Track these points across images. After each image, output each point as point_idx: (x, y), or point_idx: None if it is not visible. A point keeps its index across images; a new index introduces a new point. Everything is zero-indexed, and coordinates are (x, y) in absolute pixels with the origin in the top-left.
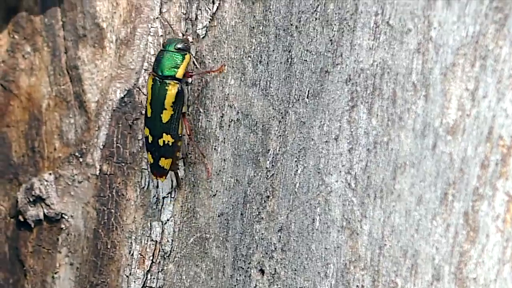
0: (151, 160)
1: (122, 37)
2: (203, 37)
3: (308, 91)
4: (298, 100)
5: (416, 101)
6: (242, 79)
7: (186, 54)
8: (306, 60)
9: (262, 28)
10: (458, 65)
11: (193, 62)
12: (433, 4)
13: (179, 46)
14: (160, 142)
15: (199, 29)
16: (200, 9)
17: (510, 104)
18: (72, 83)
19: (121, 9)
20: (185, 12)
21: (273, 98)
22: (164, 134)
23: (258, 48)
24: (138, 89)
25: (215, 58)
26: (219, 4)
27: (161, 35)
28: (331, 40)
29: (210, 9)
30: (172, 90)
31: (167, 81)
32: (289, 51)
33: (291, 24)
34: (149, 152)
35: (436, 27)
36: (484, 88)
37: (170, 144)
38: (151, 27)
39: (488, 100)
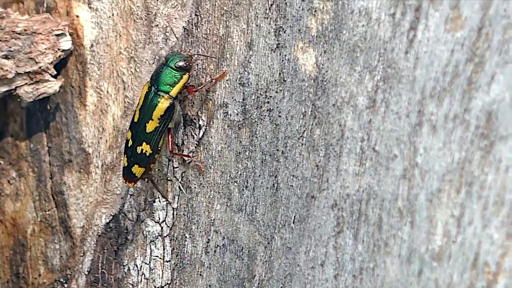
0: (125, 163)
1: (108, 162)
2: (189, 163)
3: (294, 216)
4: (284, 225)
5: (402, 227)
6: (228, 204)
7: (185, 74)
8: (292, 186)
9: (248, 153)
10: (444, 191)
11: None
12: (419, 131)
13: (180, 64)
14: (139, 149)
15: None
16: (187, 134)
17: (495, 230)
18: (57, 209)
19: (107, 135)
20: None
21: (259, 224)
22: (144, 143)
23: (244, 173)
24: (123, 214)
25: (201, 183)
26: (205, 129)
27: None
28: (317, 166)
29: (196, 135)
30: (163, 103)
31: (161, 94)
32: (275, 176)
33: (277, 150)
34: (125, 155)
35: (422, 153)
36: (469, 215)
37: (147, 154)
38: None
39: (474, 227)
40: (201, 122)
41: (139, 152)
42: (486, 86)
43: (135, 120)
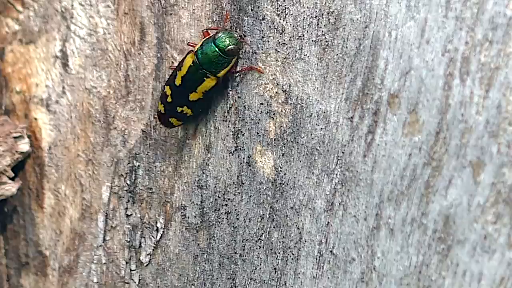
0: (161, 110)
1: (65, 264)
2: (146, 265)
3: None
4: None
5: None
6: None
7: (233, 58)
8: None
9: (206, 256)
10: None
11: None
12: (376, 234)
13: (231, 48)
14: (179, 109)
15: (142, 257)
16: (144, 237)
17: None
18: None
19: (64, 237)
20: (128, 240)
21: None
22: (185, 107)
23: (202, 276)
24: None
25: (158, 286)
26: (163, 232)
27: (104, 263)
28: (275, 269)
29: (154, 237)
30: (210, 82)
31: (208, 74)
32: (233, 279)
33: (235, 252)
34: (161, 104)
35: (379, 256)
36: None
37: (188, 115)
38: (95, 255)
39: None
40: (158, 225)
41: (179, 111)
42: (443, 190)
43: (176, 83)
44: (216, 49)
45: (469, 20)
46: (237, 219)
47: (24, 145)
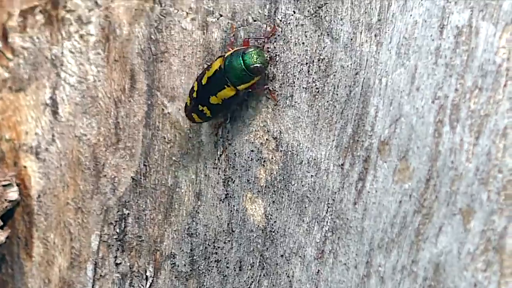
0: (188, 103)
1: None
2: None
3: None
4: None
5: None
6: None
7: (257, 76)
8: None
9: None
10: None
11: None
12: (367, 282)
13: (256, 66)
14: (200, 107)
15: None
16: (133, 286)
17: None
18: None
19: (53, 286)
20: None
21: None
22: (205, 107)
23: None
24: None
25: None
26: (152, 280)
27: None
28: None
29: (143, 286)
30: (229, 92)
31: (229, 83)
32: None
33: None
34: (189, 98)
35: None
36: None
37: (207, 115)
38: None
39: None
40: (148, 273)
41: (200, 110)
42: (433, 238)
43: (202, 82)
44: (242, 63)
45: (459, 67)
46: (227, 267)
47: (13, 193)
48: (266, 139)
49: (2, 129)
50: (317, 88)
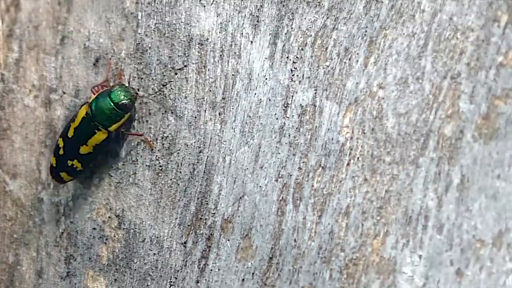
0: (53, 164)
1: None
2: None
3: None
4: None
5: None
6: None
7: (127, 113)
8: None
9: None
10: None
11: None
12: None
13: (124, 102)
14: (69, 163)
15: None
16: None
17: None
18: None
19: None
20: None
21: None
22: (75, 160)
23: None
24: None
25: None
26: None
27: None
28: None
29: None
30: (100, 135)
31: (99, 127)
32: None
33: None
34: (54, 157)
35: None
36: None
37: (78, 169)
38: None
39: None
40: None
41: (69, 165)
42: None
43: (69, 135)
44: (111, 102)
45: (303, 146)
46: None
47: None
48: (109, 217)
49: None
50: (160, 166)
